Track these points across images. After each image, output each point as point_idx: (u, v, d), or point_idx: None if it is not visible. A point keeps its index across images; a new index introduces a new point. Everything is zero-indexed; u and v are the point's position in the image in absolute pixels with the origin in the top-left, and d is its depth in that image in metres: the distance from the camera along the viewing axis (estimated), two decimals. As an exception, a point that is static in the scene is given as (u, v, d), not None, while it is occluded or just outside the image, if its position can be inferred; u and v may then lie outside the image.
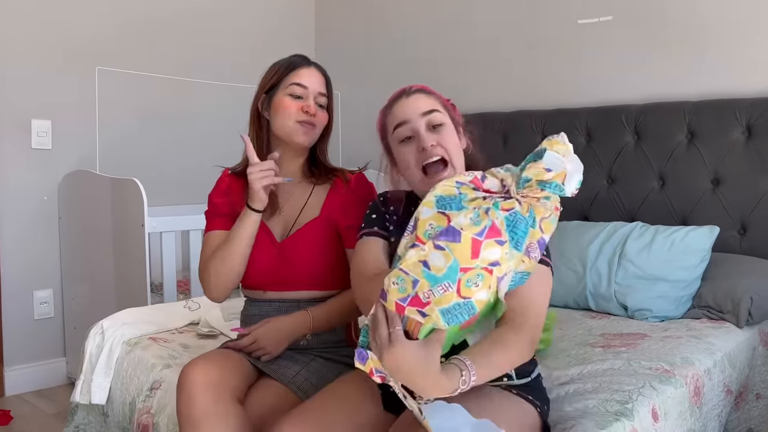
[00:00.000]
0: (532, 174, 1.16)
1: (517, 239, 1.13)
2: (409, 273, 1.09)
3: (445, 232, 1.10)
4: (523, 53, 3.21)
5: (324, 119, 1.74)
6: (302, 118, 1.68)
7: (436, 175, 1.38)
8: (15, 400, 3.06)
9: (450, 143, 1.42)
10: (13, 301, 3.11)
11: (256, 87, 1.75)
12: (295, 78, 1.70)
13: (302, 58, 1.75)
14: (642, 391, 1.60)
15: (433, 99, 1.45)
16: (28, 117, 3.10)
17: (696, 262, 2.34)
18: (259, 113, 1.74)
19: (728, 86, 2.62)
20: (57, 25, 3.15)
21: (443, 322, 1.09)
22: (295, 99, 1.69)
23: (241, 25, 3.78)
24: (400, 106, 1.45)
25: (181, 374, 1.50)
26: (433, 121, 1.42)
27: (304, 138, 1.70)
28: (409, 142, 1.41)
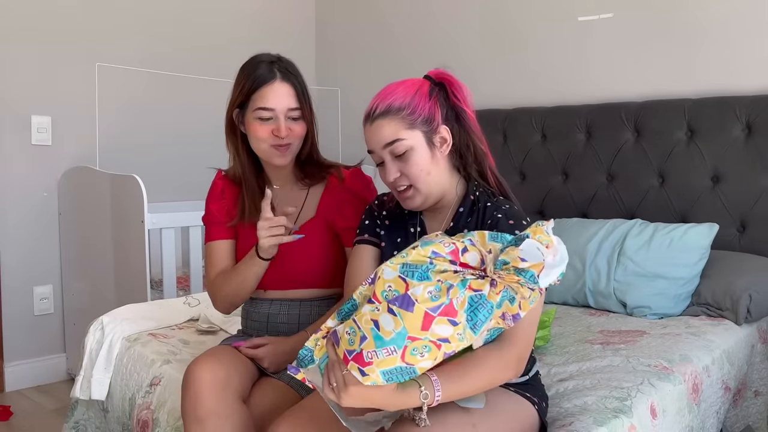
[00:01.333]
0: (509, 258, 1.13)
1: (475, 322, 1.10)
2: (360, 327, 1.09)
3: (400, 298, 1.09)
4: (523, 51, 3.21)
5: (300, 132, 1.66)
6: (275, 142, 1.62)
7: (403, 197, 1.41)
8: (15, 396, 3.07)
9: (413, 170, 1.38)
10: (13, 296, 3.12)
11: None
12: (260, 101, 1.61)
13: (267, 70, 1.63)
14: (640, 388, 1.60)
15: (395, 123, 1.37)
16: (28, 113, 3.10)
17: (695, 260, 2.34)
18: (234, 126, 1.69)
19: (728, 83, 2.62)
20: (57, 21, 3.15)
21: (383, 380, 1.08)
22: (264, 122, 1.61)
23: (241, 21, 3.78)
24: (366, 133, 1.41)
25: (187, 372, 1.50)
26: (395, 151, 1.37)
27: (281, 160, 1.65)
28: (382, 167, 1.42)
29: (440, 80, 1.43)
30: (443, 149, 1.41)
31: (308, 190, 1.73)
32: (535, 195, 3.01)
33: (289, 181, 1.73)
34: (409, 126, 1.37)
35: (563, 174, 2.96)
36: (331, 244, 1.70)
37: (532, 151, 3.02)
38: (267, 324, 1.71)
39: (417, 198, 1.40)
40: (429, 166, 1.39)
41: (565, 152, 2.94)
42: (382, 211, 1.53)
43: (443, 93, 1.42)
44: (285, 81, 1.64)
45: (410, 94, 1.39)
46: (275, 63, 1.66)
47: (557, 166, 2.95)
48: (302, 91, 1.66)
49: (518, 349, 1.21)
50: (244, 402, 1.49)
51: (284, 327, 1.70)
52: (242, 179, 1.73)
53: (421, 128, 1.38)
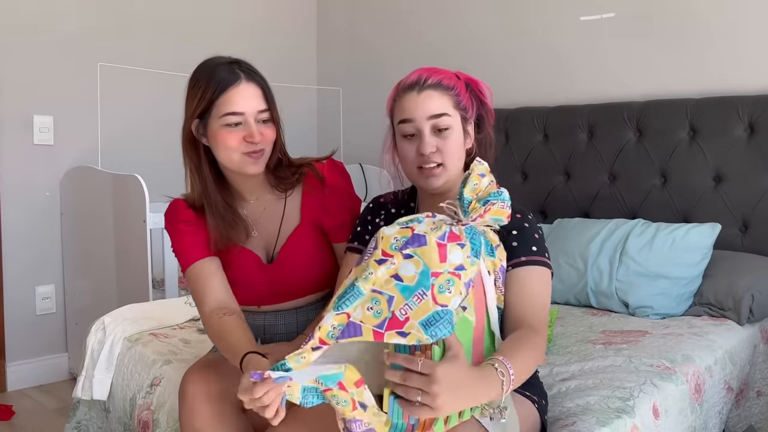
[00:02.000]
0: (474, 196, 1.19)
1: (476, 249, 1.13)
2: (382, 291, 1.07)
3: (410, 240, 1.09)
4: (525, 50, 3.21)
5: (272, 136, 1.51)
6: (247, 149, 1.47)
7: (430, 173, 1.38)
8: (17, 396, 3.07)
9: (451, 149, 1.38)
10: (15, 296, 3.12)
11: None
12: (226, 106, 1.46)
13: (228, 72, 1.50)
14: (643, 388, 1.60)
15: (446, 98, 1.37)
16: (30, 113, 3.10)
17: (697, 260, 2.34)
18: (194, 140, 1.54)
19: (731, 83, 2.62)
20: (59, 21, 3.15)
21: (426, 336, 1.04)
22: (233, 128, 1.47)
23: (243, 21, 3.77)
24: (409, 101, 1.37)
25: (182, 382, 1.47)
26: (439, 125, 1.36)
27: (255, 168, 1.50)
28: (412, 140, 1.39)
29: (467, 80, 1.45)
30: (468, 142, 1.43)
31: (285, 196, 1.60)
32: (537, 195, 3.00)
33: (263, 191, 1.60)
34: (455, 106, 1.39)
35: (565, 174, 2.96)
36: (323, 247, 1.63)
37: (534, 150, 3.02)
38: (263, 334, 1.66)
39: (442, 177, 1.38)
40: (461, 150, 1.41)
41: (567, 152, 2.93)
42: (380, 211, 1.52)
43: (472, 92, 1.45)
44: (251, 81, 1.50)
45: (454, 80, 1.41)
46: (234, 64, 1.53)
47: (559, 165, 2.95)
48: (268, 90, 1.53)
49: (545, 330, 1.28)
50: (243, 410, 1.45)
51: (282, 337, 1.65)
52: (204, 198, 1.55)
53: (461, 113, 1.40)
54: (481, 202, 1.17)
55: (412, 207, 1.49)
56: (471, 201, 1.17)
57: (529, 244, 1.34)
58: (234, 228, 1.55)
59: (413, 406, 1.03)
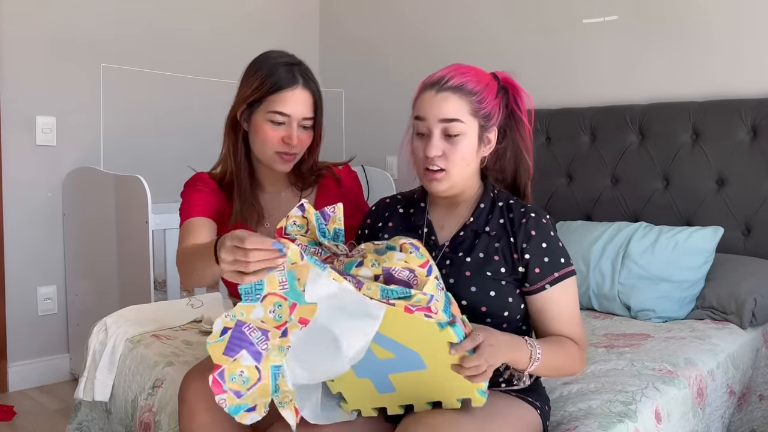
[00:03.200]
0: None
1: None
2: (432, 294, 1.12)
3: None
4: (528, 52, 3.20)
5: (308, 141, 1.60)
6: (282, 149, 1.57)
7: (432, 176, 1.37)
8: (18, 396, 3.07)
9: (457, 156, 1.34)
10: (16, 297, 3.12)
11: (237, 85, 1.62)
12: (277, 104, 1.55)
13: (288, 74, 1.57)
14: (645, 392, 1.59)
15: (463, 103, 1.33)
16: (32, 114, 3.11)
17: (700, 263, 2.34)
18: (237, 123, 1.63)
19: (733, 86, 2.62)
20: (62, 22, 3.15)
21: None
22: (276, 126, 1.56)
23: (246, 22, 3.78)
24: (425, 99, 1.35)
25: (181, 387, 1.48)
26: (449, 130, 1.33)
27: (284, 167, 1.59)
28: (422, 139, 1.37)
29: (506, 84, 1.44)
30: (485, 149, 1.41)
31: (300, 194, 1.68)
32: (540, 197, 2.99)
33: (281, 184, 1.68)
34: (473, 113, 1.35)
35: (567, 176, 2.95)
36: None
37: (537, 153, 2.98)
38: None
39: (445, 182, 1.37)
40: (471, 158, 1.38)
41: (570, 154, 2.93)
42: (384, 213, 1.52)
43: (506, 98, 1.44)
44: (306, 88, 1.57)
45: (482, 83, 1.37)
46: (295, 66, 1.59)
47: (561, 168, 2.95)
48: (319, 99, 1.60)
49: (583, 346, 1.39)
50: None
51: None
52: (236, 179, 1.64)
53: (480, 120, 1.37)
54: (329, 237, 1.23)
55: (422, 207, 1.48)
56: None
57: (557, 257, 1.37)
58: (250, 211, 1.62)
59: (485, 373, 1.16)
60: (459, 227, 1.42)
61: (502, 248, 1.37)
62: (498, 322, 1.35)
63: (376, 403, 1.27)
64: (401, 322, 1.11)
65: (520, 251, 1.36)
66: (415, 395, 1.23)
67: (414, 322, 1.10)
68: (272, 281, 1.09)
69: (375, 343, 1.13)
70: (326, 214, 1.23)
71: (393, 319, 1.10)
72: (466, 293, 1.34)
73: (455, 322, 1.14)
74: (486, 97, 1.37)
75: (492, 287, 1.34)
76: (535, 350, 1.26)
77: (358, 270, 1.13)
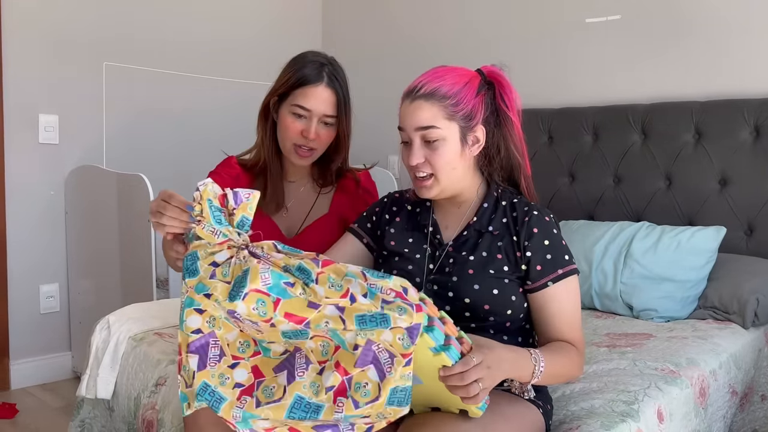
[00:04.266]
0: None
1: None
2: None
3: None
4: (530, 52, 3.20)
5: (328, 139, 1.66)
6: (299, 141, 1.63)
7: (421, 183, 1.38)
8: (21, 394, 3.07)
9: (440, 161, 1.35)
10: (19, 295, 3.12)
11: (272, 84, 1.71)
12: (300, 98, 1.63)
13: (315, 71, 1.65)
14: (647, 391, 1.59)
15: (436, 109, 1.33)
16: (35, 112, 3.11)
17: (702, 263, 2.34)
18: (268, 113, 1.71)
19: (736, 86, 2.61)
20: (65, 21, 3.16)
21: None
22: (297, 119, 1.63)
23: (248, 21, 3.78)
24: (403, 109, 1.37)
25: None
26: (427, 137, 1.34)
27: (299, 161, 1.66)
28: (406, 147, 1.39)
29: (491, 79, 1.41)
30: (474, 149, 1.39)
31: (319, 191, 1.74)
32: (542, 197, 2.96)
33: (304, 178, 1.75)
34: (449, 117, 1.34)
35: (570, 176, 2.95)
36: None
37: (539, 152, 3.02)
38: None
39: (434, 189, 1.38)
40: (456, 161, 1.37)
41: (572, 154, 2.93)
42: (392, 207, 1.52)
43: (491, 93, 1.41)
44: (329, 87, 1.64)
45: (459, 84, 1.36)
46: (325, 66, 1.66)
47: (564, 168, 2.95)
48: (343, 99, 1.66)
49: (582, 348, 1.38)
50: None
51: None
52: (267, 165, 1.72)
53: (459, 122, 1.35)
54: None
55: (428, 206, 1.49)
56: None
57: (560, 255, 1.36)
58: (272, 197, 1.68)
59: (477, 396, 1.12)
60: (463, 227, 1.42)
61: (505, 247, 1.37)
62: (501, 320, 1.35)
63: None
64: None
65: (522, 249, 1.36)
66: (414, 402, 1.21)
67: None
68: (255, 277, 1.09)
69: None
70: (239, 198, 1.21)
71: None
72: (469, 291, 1.34)
73: (450, 344, 1.10)
74: (464, 98, 1.35)
75: (495, 285, 1.34)
76: (539, 364, 1.23)
77: (315, 289, 1.09)
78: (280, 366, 1.16)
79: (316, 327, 1.09)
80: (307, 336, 1.12)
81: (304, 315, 1.08)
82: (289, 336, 1.12)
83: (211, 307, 1.15)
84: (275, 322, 1.08)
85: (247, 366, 1.17)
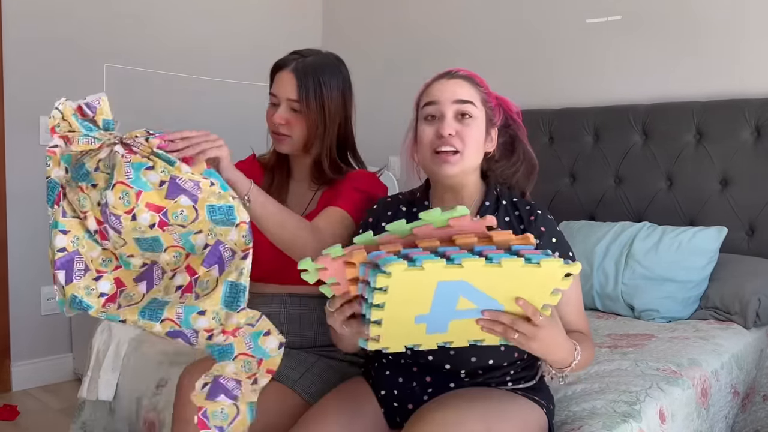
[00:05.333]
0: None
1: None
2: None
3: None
4: (531, 52, 3.20)
5: (295, 123, 1.65)
6: (272, 128, 1.70)
7: (446, 158, 1.36)
8: (22, 396, 3.07)
9: (471, 138, 1.37)
10: (20, 296, 3.12)
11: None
12: (273, 86, 1.70)
13: (284, 59, 1.70)
14: (649, 392, 1.59)
15: (474, 91, 1.40)
16: (35, 113, 3.11)
17: (704, 263, 2.33)
18: None
19: (737, 87, 2.61)
20: (65, 22, 3.16)
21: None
22: (272, 107, 1.70)
23: (249, 24, 3.78)
24: (437, 85, 1.40)
25: (180, 376, 1.51)
26: (462, 110, 1.37)
27: (280, 146, 1.70)
28: (432, 122, 1.38)
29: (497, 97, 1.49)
30: (489, 145, 1.43)
31: (317, 189, 1.74)
32: (543, 197, 2.99)
33: (305, 177, 1.76)
34: (482, 102, 1.41)
35: (571, 176, 2.95)
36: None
37: (540, 153, 2.95)
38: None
39: (457, 165, 1.36)
40: (480, 143, 1.40)
41: (573, 154, 2.93)
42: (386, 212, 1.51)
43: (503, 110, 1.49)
44: (292, 72, 1.66)
45: (485, 84, 1.45)
46: (297, 55, 1.70)
47: (565, 168, 2.95)
48: (306, 86, 1.64)
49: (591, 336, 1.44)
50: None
51: (284, 327, 1.65)
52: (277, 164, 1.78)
53: (487, 112, 1.42)
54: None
55: (426, 204, 1.48)
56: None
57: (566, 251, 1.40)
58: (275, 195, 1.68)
59: (508, 335, 1.13)
60: None
61: None
62: None
63: (414, 341, 1.20)
64: (499, 276, 1.08)
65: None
66: (462, 335, 1.19)
67: (513, 274, 1.07)
68: (119, 170, 1.24)
69: (466, 298, 1.10)
70: (91, 105, 1.41)
71: (489, 275, 1.08)
72: None
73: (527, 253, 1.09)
74: (490, 95, 1.44)
75: None
76: (576, 358, 1.26)
77: (147, 173, 1.24)
78: (141, 277, 1.32)
79: (173, 215, 1.23)
80: (161, 248, 1.26)
81: (162, 204, 1.22)
82: (145, 248, 1.27)
83: (75, 228, 1.30)
84: (136, 213, 1.21)
85: (110, 278, 1.31)
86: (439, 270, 1.03)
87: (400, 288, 1.05)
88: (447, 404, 1.25)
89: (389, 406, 1.40)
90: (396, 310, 1.09)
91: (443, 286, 1.06)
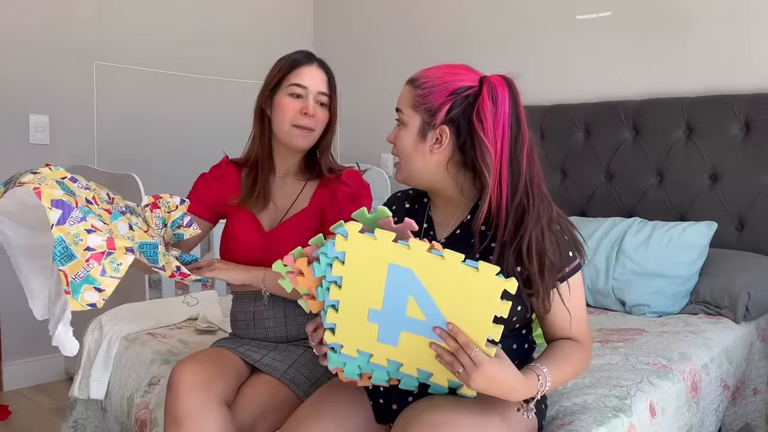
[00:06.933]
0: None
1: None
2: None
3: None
4: (521, 48, 3.21)
5: (324, 119, 1.72)
6: (299, 121, 1.66)
7: (395, 165, 1.40)
8: (13, 395, 3.06)
9: (399, 145, 1.36)
10: (10, 295, 3.10)
11: (261, 84, 1.74)
12: (295, 77, 1.68)
13: (305, 55, 1.72)
14: (640, 386, 1.60)
15: (409, 96, 1.34)
16: (26, 112, 3.10)
17: (694, 258, 2.35)
18: (263, 111, 1.73)
19: (726, 82, 2.62)
20: (55, 20, 3.14)
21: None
22: (295, 99, 1.67)
23: (239, 21, 3.77)
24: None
25: (171, 372, 1.52)
26: (398, 118, 1.38)
27: (302, 142, 1.69)
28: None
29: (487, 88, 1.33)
30: (434, 147, 1.33)
31: (305, 184, 1.75)
32: (534, 193, 3.00)
33: (291, 171, 1.77)
34: (414, 107, 1.33)
35: (561, 173, 2.96)
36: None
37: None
38: (254, 322, 1.70)
39: (399, 172, 1.40)
40: (412, 152, 1.34)
41: (564, 151, 2.94)
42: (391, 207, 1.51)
43: (470, 102, 1.31)
44: (321, 68, 1.72)
45: (442, 81, 1.32)
46: (313, 55, 1.74)
47: (555, 164, 2.95)
48: (333, 83, 1.74)
49: (588, 344, 1.37)
50: (227, 404, 1.49)
51: (271, 322, 1.69)
52: (258, 160, 1.76)
53: (422, 115, 1.32)
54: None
55: (425, 202, 1.48)
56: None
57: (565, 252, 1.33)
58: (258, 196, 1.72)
59: (455, 367, 1.14)
60: (456, 225, 1.42)
61: None
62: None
63: (366, 346, 1.20)
64: (442, 274, 1.09)
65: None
66: (412, 357, 1.19)
67: (457, 275, 1.09)
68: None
69: (414, 300, 1.11)
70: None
71: (441, 276, 1.09)
72: None
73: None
74: (434, 93, 1.31)
75: None
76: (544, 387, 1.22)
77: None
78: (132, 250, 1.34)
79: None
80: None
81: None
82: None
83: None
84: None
85: (103, 236, 1.29)
86: (389, 244, 1.10)
87: (356, 258, 1.11)
88: (435, 404, 1.24)
89: (376, 401, 1.40)
90: (351, 294, 1.14)
91: (394, 271, 1.11)
